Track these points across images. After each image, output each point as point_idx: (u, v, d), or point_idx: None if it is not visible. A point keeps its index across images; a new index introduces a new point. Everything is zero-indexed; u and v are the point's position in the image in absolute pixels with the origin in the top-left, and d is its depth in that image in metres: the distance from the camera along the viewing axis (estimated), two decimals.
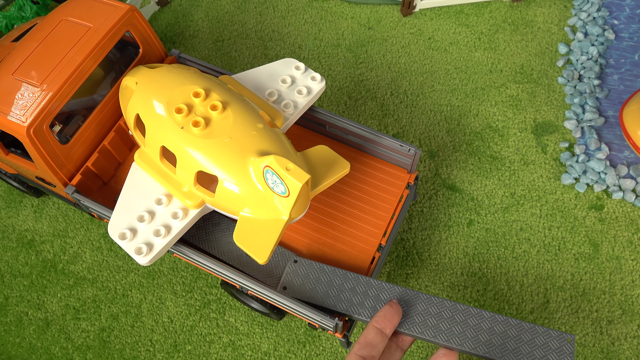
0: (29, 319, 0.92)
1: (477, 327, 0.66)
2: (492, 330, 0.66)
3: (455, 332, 0.66)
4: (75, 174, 0.81)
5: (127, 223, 0.72)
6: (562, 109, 1.06)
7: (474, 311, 0.67)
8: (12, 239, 0.98)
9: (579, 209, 0.96)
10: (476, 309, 0.67)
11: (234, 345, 0.88)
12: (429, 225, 0.95)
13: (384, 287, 0.71)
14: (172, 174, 0.74)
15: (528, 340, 0.65)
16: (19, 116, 0.72)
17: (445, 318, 0.67)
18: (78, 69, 0.75)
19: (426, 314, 0.67)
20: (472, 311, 0.67)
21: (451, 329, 0.66)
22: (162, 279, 0.93)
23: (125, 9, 0.79)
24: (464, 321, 0.67)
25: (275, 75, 0.83)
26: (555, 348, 0.65)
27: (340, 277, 0.73)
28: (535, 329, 0.66)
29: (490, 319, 0.67)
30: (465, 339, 0.66)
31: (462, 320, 0.67)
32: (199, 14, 1.22)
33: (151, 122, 0.73)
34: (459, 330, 0.66)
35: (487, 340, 0.65)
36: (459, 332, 0.66)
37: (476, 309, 0.67)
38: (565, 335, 0.65)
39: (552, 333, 0.66)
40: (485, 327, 0.66)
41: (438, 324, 0.67)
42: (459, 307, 0.68)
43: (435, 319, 0.67)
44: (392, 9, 1.20)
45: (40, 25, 0.79)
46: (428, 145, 1.03)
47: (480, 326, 0.66)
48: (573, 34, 1.14)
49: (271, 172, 0.65)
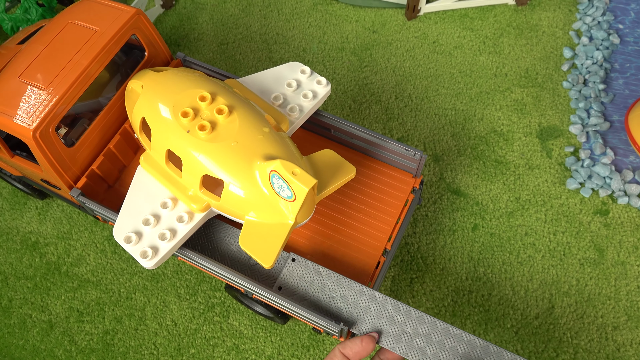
0: (33, 322, 0.92)
1: (454, 349, 0.66)
2: (469, 356, 0.66)
3: (441, 358, 0.66)
4: (80, 176, 0.81)
5: (133, 226, 0.72)
6: (567, 113, 1.05)
7: (455, 331, 0.67)
8: (16, 241, 0.98)
9: (584, 214, 0.95)
10: (460, 331, 0.67)
11: (238, 349, 0.88)
12: (434, 229, 0.95)
13: (376, 297, 0.70)
14: (178, 177, 0.73)
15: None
16: (25, 119, 0.72)
17: (434, 341, 0.66)
18: (84, 72, 0.75)
19: (415, 333, 0.67)
20: (452, 331, 0.67)
21: (437, 353, 0.66)
22: (166, 282, 0.93)
23: (132, 12, 0.79)
24: (442, 343, 0.66)
25: (280, 79, 0.83)
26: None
27: (334, 281, 0.72)
28: (502, 354, 0.65)
29: (464, 340, 0.66)
30: None
31: (450, 346, 0.66)
32: (204, 17, 1.22)
33: (157, 125, 0.73)
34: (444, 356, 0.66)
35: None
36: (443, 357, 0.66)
37: (460, 330, 0.67)
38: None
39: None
40: (460, 350, 0.66)
41: (425, 346, 0.66)
42: (451, 330, 0.67)
43: (424, 340, 0.67)
44: (396, 13, 1.20)
45: (46, 29, 0.80)
46: (433, 149, 1.03)
47: (455, 348, 0.66)
48: (578, 38, 1.14)
49: (277, 177, 0.65)
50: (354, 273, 0.79)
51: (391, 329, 0.68)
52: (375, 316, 0.69)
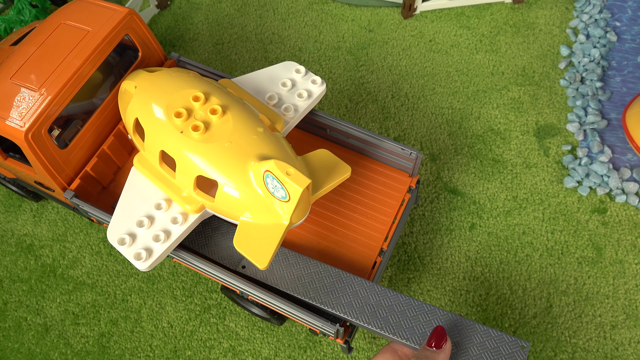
0: (28, 324, 0.91)
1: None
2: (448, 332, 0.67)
3: (414, 329, 0.67)
4: (74, 178, 0.80)
5: (126, 228, 0.72)
6: (564, 111, 1.05)
7: (429, 308, 0.69)
8: (11, 243, 0.98)
9: (582, 212, 0.95)
10: (433, 307, 0.68)
11: (235, 351, 0.87)
12: (431, 229, 0.95)
13: (340, 275, 0.72)
14: (172, 178, 0.73)
15: (479, 342, 0.65)
16: (17, 121, 0.71)
17: (409, 317, 0.68)
18: (77, 73, 0.74)
19: (403, 315, 0.69)
20: (426, 308, 0.69)
21: (399, 322, 0.68)
22: (162, 283, 0.93)
23: (124, 12, 0.79)
24: (415, 317, 0.68)
25: (275, 78, 0.82)
26: (507, 354, 0.64)
27: (300, 261, 0.74)
28: (488, 332, 0.66)
29: (445, 317, 0.68)
30: (415, 334, 0.67)
31: (418, 318, 0.68)
32: (199, 17, 1.21)
33: (150, 126, 0.72)
34: (416, 327, 0.67)
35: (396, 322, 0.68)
36: (409, 327, 0.67)
37: (435, 307, 0.69)
38: (519, 342, 0.64)
39: (506, 338, 0.65)
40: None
41: (400, 321, 0.68)
42: (426, 308, 0.69)
43: (399, 316, 0.68)
44: (392, 12, 1.19)
45: (39, 29, 0.79)
46: (429, 148, 1.02)
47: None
48: (575, 36, 1.13)
49: (271, 177, 0.64)
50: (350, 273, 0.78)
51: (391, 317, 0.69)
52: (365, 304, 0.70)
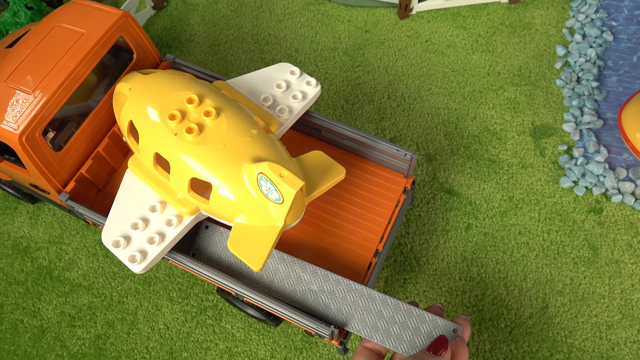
0: (24, 327, 0.91)
1: (380, 314, 0.69)
2: (393, 319, 0.68)
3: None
4: (69, 181, 0.80)
5: (121, 231, 0.72)
6: (561, 111, 1.05)
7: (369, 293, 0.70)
8: (8, 245, 0.98)
9: (578, 212, 0.95)
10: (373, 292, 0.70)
11: (231, 352, 0.87)
12: (427, 229, 0.95)
13: (284, 258, 0.73)
14: (166, 180, 0.73)
15: (413, 327, 0.67)
16: (11, 123, 0.71)
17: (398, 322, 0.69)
18: (71, 75, 0.74)
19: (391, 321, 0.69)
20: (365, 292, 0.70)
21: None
22: (158, 285, 0.93)
23: (119, 14, 0.79)
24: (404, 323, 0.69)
25: (270, 80, 0.82)
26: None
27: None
28: (424, 316, 0.67)
29: (383, 301, 0.69)
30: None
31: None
32: (195, 18, 1.21)
33: (144, 128, 0.72)
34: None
35: (385, 329, 0.68)
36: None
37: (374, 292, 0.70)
38: (452, 325, 0.66)
39: (440, 322, 0.67)
40: (374, 310, 0.69)
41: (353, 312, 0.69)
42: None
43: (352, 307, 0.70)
44: (389, 12, 1.19)
45: (33, 32, 0.79)
46: (425, 148, 1.02)
47: (382, 313, 0.69)
48: (571, 35, 1.13)
49: (265, 179, 0.64)
50: (345, 275, 0.78)
51: (380, 323, 0.69)
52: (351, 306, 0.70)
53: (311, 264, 0.74)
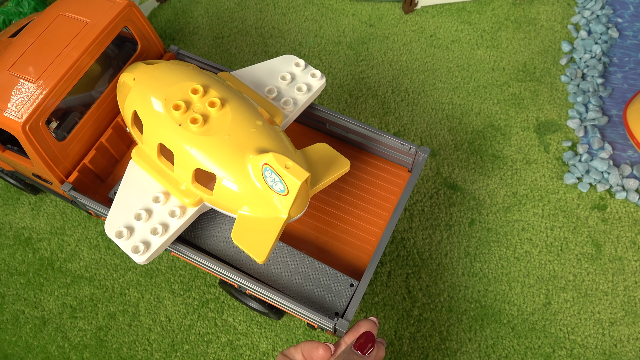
0: (26, 318, 0.91)
1: (295, 270, 0.74)
2: (297, 270, 0.74)
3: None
4: (72, 171, 0.80)
5: (124, 221, 0.71)
6: (565, 107, 1.05)
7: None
8: (9, 236, 0.97)
9: (582, 209, 0.95)
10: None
11: (232, 345, 0.87)
12: (430, 224, 0.94)
13: (327, 272, 0.75)
14: (170, 171, 0.73)
15: (314, 279, 0.73)
16: (14, 112, 0.71)
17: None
18: (75, 64, 0.74)
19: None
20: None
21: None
22: (160, 277, 0.93)
23: (123, 4, 0.78)
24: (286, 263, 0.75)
25: (274, 72, 0.82)
26: (336, 290, 0.73)
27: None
28: (325, 270, 0.74)
29: (297, 256, 0.75)
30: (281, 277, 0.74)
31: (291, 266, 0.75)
32: (199, 11, 1.21)
33: (148, 119, 0.72)
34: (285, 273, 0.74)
35: (288, 279, 0.74)
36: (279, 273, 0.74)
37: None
38: (350, 280, 0.73)
39: (339, 277, 0.73)
40: (291, 265, 0.75)
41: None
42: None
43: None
44: (393, 6, 1.19)
45: (37, 21, 0.78)
46: (429, 143, 1.02)
47: (297, 268, 0.75)
48: (576, 32, 1.13)
49: (270, 170, 0.64)
50: (348, 267, 0.78)
51: None
52: None
53: (310, 257, 0.74)
